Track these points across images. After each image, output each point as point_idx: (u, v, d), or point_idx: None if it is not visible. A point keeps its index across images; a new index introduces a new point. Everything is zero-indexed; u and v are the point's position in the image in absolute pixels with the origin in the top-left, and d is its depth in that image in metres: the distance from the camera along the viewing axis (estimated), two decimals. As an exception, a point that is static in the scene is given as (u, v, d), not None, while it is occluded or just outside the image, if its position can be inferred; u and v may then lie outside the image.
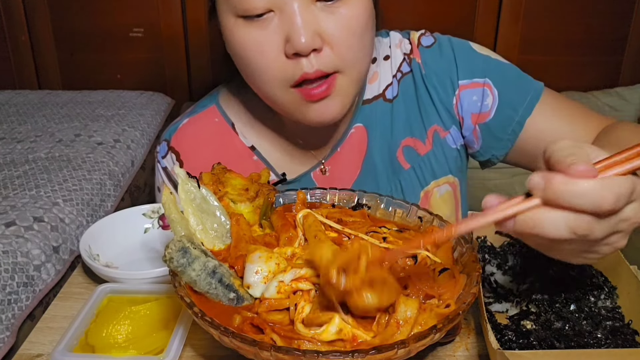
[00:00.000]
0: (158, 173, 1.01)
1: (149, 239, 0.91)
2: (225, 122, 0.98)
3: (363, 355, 0.51)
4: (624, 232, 0.53)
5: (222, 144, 0.97)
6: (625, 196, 0.49)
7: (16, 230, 1.34)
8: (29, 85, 2.46)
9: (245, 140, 0.97)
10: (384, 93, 0.95)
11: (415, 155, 0.96)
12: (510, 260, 0.75)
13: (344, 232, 0.69)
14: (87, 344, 0.67)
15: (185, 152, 0.97)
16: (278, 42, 0.75)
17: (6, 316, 1.21)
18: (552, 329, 0.66)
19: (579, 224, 0.49)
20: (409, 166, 0.96)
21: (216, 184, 0.73)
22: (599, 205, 0.48)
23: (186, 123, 0.98)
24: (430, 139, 0.95)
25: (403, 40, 0.97)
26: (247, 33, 0.76)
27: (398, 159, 0.96)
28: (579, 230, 0.49)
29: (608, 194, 0.48)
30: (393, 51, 0.97)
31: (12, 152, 1.80)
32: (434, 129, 0.95)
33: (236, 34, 0.77)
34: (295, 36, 0.72)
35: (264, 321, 0.58)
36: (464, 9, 2.20)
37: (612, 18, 2.16)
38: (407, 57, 0.95)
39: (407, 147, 0.96)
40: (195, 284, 0.60)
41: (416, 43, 0.96)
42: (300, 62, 0.75)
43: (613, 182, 0.49)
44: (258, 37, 0.75)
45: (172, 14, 2.30)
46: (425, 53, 0.95)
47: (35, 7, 2.33)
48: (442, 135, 0.95)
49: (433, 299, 0.61)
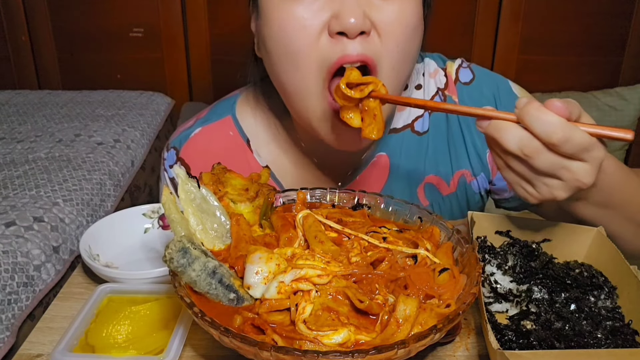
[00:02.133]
0: (164, 180, 0.97)
1: (149, 239, 0.91)
2: (241, 137, 0.93)
3: (363, 355, 0.51)
4: (565, 183, 0.59)
5: (235, 160, 0.92)
6: (577, 145, 0.56)
7: (16, 230, 1.35)
8: (29, 85, 2.46)
9: (259, 159, 0.92)
10: (413, 124, 0.91)
11: (437, 194, 0.92)
12: (510, 260, 0.75)
13: (344, 232, 0.69)
14: (87, 344, 0.67)
15: (196, 166, 0.93)
16: (323, 19, 0.70)
17: (6, 316, 1.21)
18: (552, 329, 0.66)
19: (527, 144, 0.57)
20: (428, 203, 0.93)
21: (216, 184, 0.73)
22: (549, 135, 0.56)
23: (198, 133, 0.93)
24: (456, 181, 0.92)
25: (439, 72, 0.92)
26: (292, 10, 0.71)
27: (418, 194, 0.92)
28: (526, 149, 0.57)
29: (561, 131, 0.55)
30: (427, 81, 0.92)
31: (12, 152, 1.80)
32: (461, 173, 0.92)
33: (280, 11, 0.72)
34: (345, 13, 0.68)
35: (265, 322, 0.58)
36: (464, 9, 2.21)
37: (612, 18, 2.17)
38: (442, 93, 0.91)
39: (429, 184, 0.92)
40: (196, 284, 0.60)
41: (453, 78, 0.91)
42: (342, 43, 0.70)
43: (573, 128, 0.56)
44: (303, 12, 0.70)
45: (172, 14, 2.30)
46: (463, 91, 0.90)
47: (35, 8, 2.33)
48: (469, 180, 0.92)
49: (433, 299, 0.61)
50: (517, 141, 0.58)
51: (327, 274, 0.60)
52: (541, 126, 0.56)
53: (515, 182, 0.63)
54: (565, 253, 0.79)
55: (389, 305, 0.60)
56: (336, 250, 0.64)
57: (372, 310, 0.59)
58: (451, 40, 2.24)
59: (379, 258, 0.64)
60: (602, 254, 0.77)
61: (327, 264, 0.62)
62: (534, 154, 0.58)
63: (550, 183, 0.60)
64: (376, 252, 0.65)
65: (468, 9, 2.20)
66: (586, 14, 2.16)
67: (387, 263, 0.64)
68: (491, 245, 0.78)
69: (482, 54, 2.26)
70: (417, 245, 0.67)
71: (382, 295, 0.60)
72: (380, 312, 0.58)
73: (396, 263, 0.65)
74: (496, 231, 0.81)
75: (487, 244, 0.78)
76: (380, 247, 0.66)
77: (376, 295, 0.60)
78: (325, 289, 0.60)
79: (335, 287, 0.60)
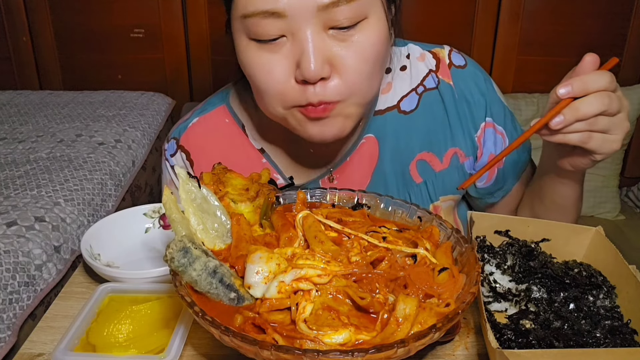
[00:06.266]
0: (166, 171, 1.00)
1: (149, 238, 0.91)
2: (236, 123, 0.97)
3: (363, 355, 0.52)
4: (621, 125, 0.72)
5: (232, 144, 0.97)
6: (617, 85, 0.72)
7: (17, 230, 1.35)
8: (30, 85, 2.46)
9: (255, 143, 0.96)
10: (399, 104, 0.94)
11: (429, 170, 0.95)
12: (509, 259, 0.76)
13: (344, 232, 0.69)
14: (88, 343, 0.67)
15: (195, 151, 0.97)
16: (288, 66, 0.75)
17: (7, 315, 1.21)
18: (551, 328, 0.66)
19: (603, 98, 0.69)
20: (422, 180, 0.95)
21: (217, 184, 0.74)
22: (611, 79, 0.70)
23: (196, 122, 0.98)
24: (449, 158, 0.95)
25: (426, 55, 0.95)
26: (259, 56, 0.76)
27: (410, 172, 0.95)
28: (605, 99, 0.69)
29: (609, 75, 0.70)
30: (413, 63, 0.95)
31: (14, 152, 1.81)
32: (454, 151, 0.95)
33: (248, 54, 0.77)
34: (305, 63, 0.72)
35: (266, 321, 0.58)
36: (464, 10, 2.21)
37: (611, 18, 2.17)
38: (435, 74, 0.94)
39: (422, 161, 0.94)
40: (196, 283, 0.61)
41: (447, 62, 0.94)
42: (307, 90, 0.75)
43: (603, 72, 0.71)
44: (269, 60, 0.75)
45: (172, 15, 2.31)
46: (458, 74, 0.93)
47: (36, 8, 2.34)
48: (462, 160, 0.95)
49: (433, 298, 0.61)
50: (597, 103, 0.69)
51: (327, 274, 0.61)
52: (599, 79, 0.69)
53: (602, 140, 0.72)
54: (564, 252, 0.80)
55: (389, 304, 0.60)
56: (336, 250, 0.64)
57: (374, 308, 0.59)
58: (450, 41, 2.23)
59: (378, 257, 0.64)
60: (600, 253, 0.77)
61: (327, 263, 0.62)
62: (609, 99, 0.69)
63: (618, 124, 0.72)
64: (376, 251, 0.65)
65: (467, 9, 2.21)
66: (586, 14, 2.16)
67: (386, 262, 0.64)
68: (490, 245, 0.78)
69: (482, 54, 2.26)
70: (416, 244, 0.68)
71: (382, 295, 0.61)
72: (381, 310, 0.59)
73: (396, 262, 0.65)
74: (495, 231, 0.81)
75: (486, 244, 0.78)
76: (380, 247, 0.66)
77: (376, 294, 0.61)
78: (326, 288, 0.60)
79: (335, 286, 0.60)
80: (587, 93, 0.70)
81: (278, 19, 0.71)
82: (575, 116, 0.70)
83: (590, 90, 0.69)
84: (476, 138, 0.95)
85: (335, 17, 0.71)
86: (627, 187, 2.36)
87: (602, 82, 0.69)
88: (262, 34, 0.73)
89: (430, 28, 2.22)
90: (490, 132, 0.95)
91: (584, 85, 0.69)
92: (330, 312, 0.58)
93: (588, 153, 0.75)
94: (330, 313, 0.58)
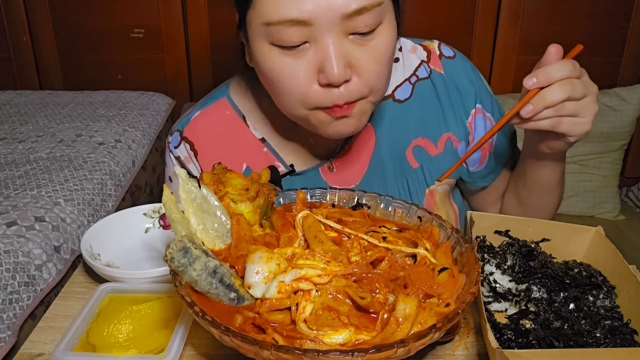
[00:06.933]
0: (169, 162, 1.03)
1: (149, 238, 0.92)
2: (237, 114, 1.00)
3: (363, 355, 0.52)
4: (590, 106, 0.76)
5: (234, 135, 1.00)
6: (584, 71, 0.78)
7: (17, 229, 1.35)
8: (30, 85, 2.46)
9: (256, 133, 0.99)
10: (393, 94, 0.98)
11: (425, 155, 0.99)
12: (509, 259, 0.76)
13: (344, 232, 0.69)
14: (88, 343, 0.68)
15: (199, 141, 0.99)
16: (312, 71, 0.77)
17: (7, 315, 1.21)
18: (551, 328, 0.66)
19: (566, 85, 0.73)
20: (418, 165, 0.99)
21: (217, 184, 0.74)
22: (573, 67, 0.75)
23: (198, 115, 1.00)
24: (443, 143, 0.99)
25: (417, 47, 1.01)
26: (282, 61, 0.78)
27: (407, 157, 0.99)
28: (568, 87, 0.73)
29: (570, 63, 0.75)
30: (405, 55, 1.00)
31: (14, 152, 1.81)
32: (448, 136, 0.99)
33: (270, 60, 0.79)
34: (329, 68, 0.75)
35: (266, 321, 0.58)
36: (464, 10, 2.21)
37: (611, 18, 2.16)
38: (427, 64, 0.99)
39: (417, 147, 0.99)
40: (196, 283, 0.61)
41: (437, 53, 1.00)
42: (331, 92, 0.78)
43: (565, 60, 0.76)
44: (293, 65, 0.77)
45: (172, 14, 2.31)
46: (448, 64, 0.99)
47: (36, 8, 2.33)
48: (455, 145, 1.00)
49: (433, 298, 0.61)
50: (561, 90, 0.73)
51: (327, 274, 0.61)
52: (561, 68, 0.74)
53: (572, 123, 0.76)
54: (564, 252, 0.80)
55: (389, 304, 0.60)
56: (336, 250, 0.64)
57: (374, 308, 0.59)
58: (450, 41, 2.24)
59: (378, 257, 0.65)
60: (600, 253, 0.77)
61: (327, 263, 0.62)
62: (571, 85, 0.74)
63: (586, 106, 0.76)
64: (376, 251, 0.65)
65: (467, 9, 2.20)
66: (585, 14, 2.16)
67: (386, 262, 0.64)
68: (490, 245, 0.78)
69: (482, 54, 2.26)
70: (416, 244, 0.68)
71: (382, 295, 0.61)
72: (381, 310, 0.59)
73: (396, 262, 0.65)
74: (495, 231, 0.81)
75: (486, 244, 0.78)
76: (380, 247, 0.66)
77: (376, 294, 0.61)
78: (326, 288, 0.60)
79: (335, 286, 0.60)
80: (551, 82, 0.74)
81: (303, 27, 0.74)
82: (543, 104, 0.74)
83: (554, 79, 0.74)
84: (467, 124, 0.99)
85: (357, 24, 0.75)
86: (627, 187, 2.36)
87: (565, 71, 0.74)
88: (286, 40, 0.76)
89: (430, 28, 2.22)
90: (480, 117, 0.99)
91: (547, 75, 0.74)
92: (330, 312, 0.58)
93: (561, 136, 0.79)
94: (330, 313, 0.58)
